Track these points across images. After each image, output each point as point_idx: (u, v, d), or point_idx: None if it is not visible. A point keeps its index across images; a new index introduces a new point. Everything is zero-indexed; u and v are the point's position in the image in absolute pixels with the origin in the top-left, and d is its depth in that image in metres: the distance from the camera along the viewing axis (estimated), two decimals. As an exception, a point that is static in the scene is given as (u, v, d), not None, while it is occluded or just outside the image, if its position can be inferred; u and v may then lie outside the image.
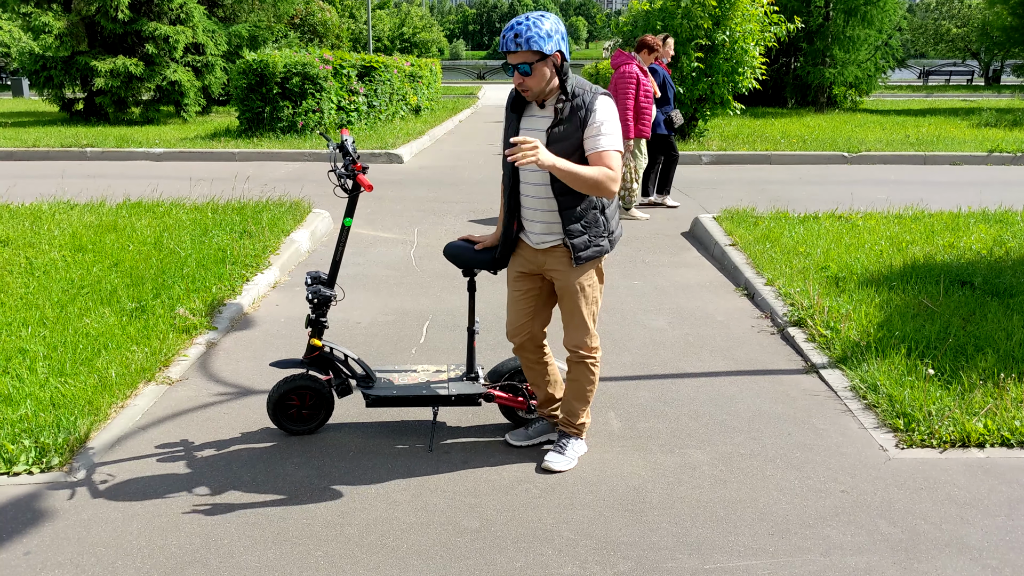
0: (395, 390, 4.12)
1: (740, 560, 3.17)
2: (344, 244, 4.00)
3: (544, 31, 3.33)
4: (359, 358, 4.16)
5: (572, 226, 3.60)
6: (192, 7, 19.51)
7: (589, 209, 3.60)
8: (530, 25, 3.34)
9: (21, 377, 4.54)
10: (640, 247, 8.19)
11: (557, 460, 3.87)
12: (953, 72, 50.90)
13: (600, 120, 3.44)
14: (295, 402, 4.16)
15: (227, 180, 11.92)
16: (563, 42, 3.41)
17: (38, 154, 14.52)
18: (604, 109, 3.46)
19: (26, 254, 6.94)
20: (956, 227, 8.17)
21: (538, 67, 3.39)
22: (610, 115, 3.47)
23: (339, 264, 4.02)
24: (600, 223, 3.65)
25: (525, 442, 4.06)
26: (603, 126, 3.44)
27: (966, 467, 3.88)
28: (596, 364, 3.85)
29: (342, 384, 4.13)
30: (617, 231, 3.77)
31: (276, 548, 3.25)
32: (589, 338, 3.78)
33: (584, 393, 3.89)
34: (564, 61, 3.45)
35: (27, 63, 19.25)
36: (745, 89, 14.99)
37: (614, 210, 3.75)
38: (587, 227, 3.62)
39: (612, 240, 3.73)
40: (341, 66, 16.19)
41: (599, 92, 3.50)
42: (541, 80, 3.43)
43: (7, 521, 3.42)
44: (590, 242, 3.64)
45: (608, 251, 3.72)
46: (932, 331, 5.24)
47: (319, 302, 4.01)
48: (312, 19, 37.12)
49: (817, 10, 23.12)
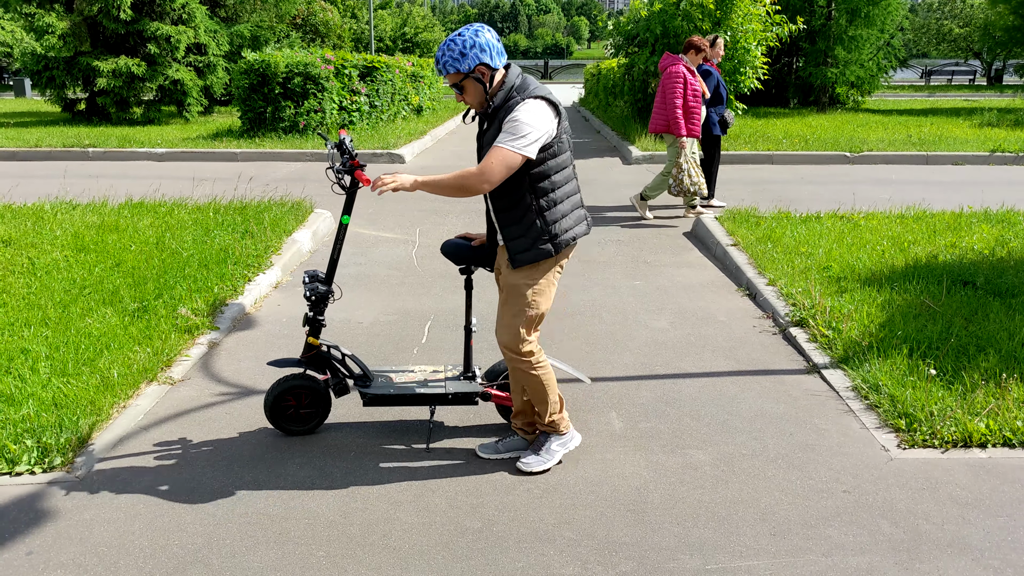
0: (392, 389, 4.12)
1: (742, 560, 3.17)
2: (342, 242, 4.00)
3: (457, 52, 3.46)
4: (356, 357, 4.16)
5: (508, 229, 3.65)
6: (194, 7, 19.52)
7: (525, 212, 3.60)
8: (444, 51, 3.48)
9: (23, 377, 4.55)
10: (642, 247, 8.18)
11: (530, 461, 3.86)
12: (955, 72, 50.85)
13: (509, 119, 3.46)
14: (291, 402, 4.15)
15: (229, 180, 11.92)
16: (483, 54, 3.48)
17: (40, 154, 14.53)
18: (522, 109, 3.46)
19: (28, 254, 6.95)
20: (958, 227, 8.16)
21: (466, 84, 3.54)
22: (523, 117, 3.44)
23: (336, 262, 4.02)
24: (538, 227, 3.61)
25: (494, 455, 3.97)
26: (509, 124, 3.45)
27: (968, 467, 3.88)
28: (533, 368, 3.75)
29: (339, 384, 4.13)
30: (568, 233, 3.66)
31: (278, 548, 3.25)
32: (518, 342, 3.71)
33: (535, 394, 3.83)
34: (493, 71, 3.52)
35: (29, 63, 19.28)
36: (747, 89, 14.99)
37: (561, 212, 3.65)
38: (525, 231, 3.62)
39: (557, 243, 3.63)
40: (343, 66, 16.19)
41: (530, 96, 3.50)
42: (475, 93, 3.56)
43: (9, 521, 3.43)
44: (529, 245, 3.62)
45: (552, 254, 3.63)
46: (934, 331, 5.23)
47: (316, 299, 4.00)
48: (314, 19, 37.10)
49: (819, 10, 23.10)
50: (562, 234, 3.65)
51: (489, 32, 3.54)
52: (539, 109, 3.49)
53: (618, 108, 19.58)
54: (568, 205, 3.69)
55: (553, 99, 3.58)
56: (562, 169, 3.65)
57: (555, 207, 3.63)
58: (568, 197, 3.69)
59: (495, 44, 3.53)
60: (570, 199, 3.70)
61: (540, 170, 3.57)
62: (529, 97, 3.50)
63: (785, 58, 24.58)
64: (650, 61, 14.70)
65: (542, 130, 3.49)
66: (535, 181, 3.58)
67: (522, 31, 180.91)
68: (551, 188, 3.62)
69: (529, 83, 3.57)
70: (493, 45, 3.51)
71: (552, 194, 3.62)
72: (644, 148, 14.64)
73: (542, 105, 3.51)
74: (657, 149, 14.47)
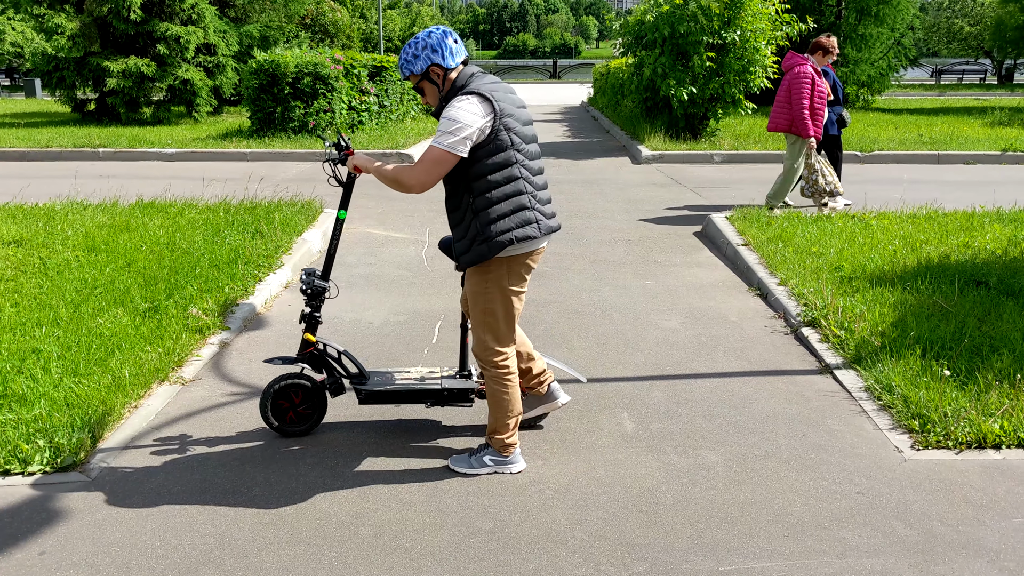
0: (387, 386, 4.12)
1: (755, 562, 3.15)
2: (338, 238, 4.00)
3: (410, 54, 3.58)
4: (352, 355, 4.15)
5: (454, 230, 3.68)
6: (204, 7, 19.56)
7: (464, 212, 3.59)
8: (401, 56, 3.62)
9: (35, 377, 4.56)
10: (652, 247, 8.17)
11: (458, 460, 3.85)
12: (966, 71, 50.66)
13: (442, 117, 3.48)
14: (284, 404, 4.14)
15: (239, 180, 11.94)
16: (435, 54, 3.54)
17: (51, 154, 14.58)
18: (453, 106, 3.45)
19: (40, 254, 6.97)
20: (970, 226, 8.12)
21: (423, 85, 3.65)
22: (452, 114, 3.41)
23: (333, 258, 4.02)
24: (474, 227, 3.54)
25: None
26: (441, 122, 3.46)
27: (982, 468, 3.85)
28: (502, 378, 3.72)
29: (335, 383, 4.13)
30: (502, 236, 3.51)
31: (290, 549, 3.25)
32: (482, 347, 3.71)
33: (496, 403, 3.77)
34: (446, 71, 3.58)
35: (40, 64, 19.35)
36: (757, 88, 14.95)
37: (499, 213, 3.52)
38: (464, 231, 3.60)
39: (492, 244, 3.51)
40: (352, 66, 16.21)
41: (464, 93, 3.49)
42: (432, 93, 3.66)
43: (22, 521, 3.43)
44: (468, 247, 3.59)
45: (487, 256, 3.53)
46: (947, 331, 5.20)
47: (313, 293, 3.99)
48: (323, 19, 37.18)
49: (829, 9, 23.02)
50: (498, 235, 3.51)
51: (443, 32, 3.56)
52: (468, 106, 3.43)
53: (627, 108, 19.55)
54: (508, 207, 3.54)
55: (488, 94, 3.47)
56: (502, 168, 3.53)
57: (491, 207, 3.52)
58: (508, 198, 3.54)
59: (448, 44, 3.54)
60: (511, 200, 3.55)
61: (475, 169, 3.51)
62: (462, 94, 3.49)
63: (795, 57, 24.48)
64: (658, 62, 14.68)
65: (472, 126, 3.41)
66: (471, 180, 3.53)
67: (530, 31, 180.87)
68: (487, 188, 3.52)
69: (476, 81, 3.55)
70: (446, 45, 3.53)
71: (488, 194, 3.52)
72: (654, 148, 14.62)
73: (472, 101, 3.44)
74: (667, 149, 14.44)
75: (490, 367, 3.73)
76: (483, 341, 3.71)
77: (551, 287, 6.77)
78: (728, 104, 15.29)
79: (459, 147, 3.41)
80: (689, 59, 14.68)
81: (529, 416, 4.15)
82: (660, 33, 14.52)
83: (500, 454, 3.83)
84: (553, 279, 7.00)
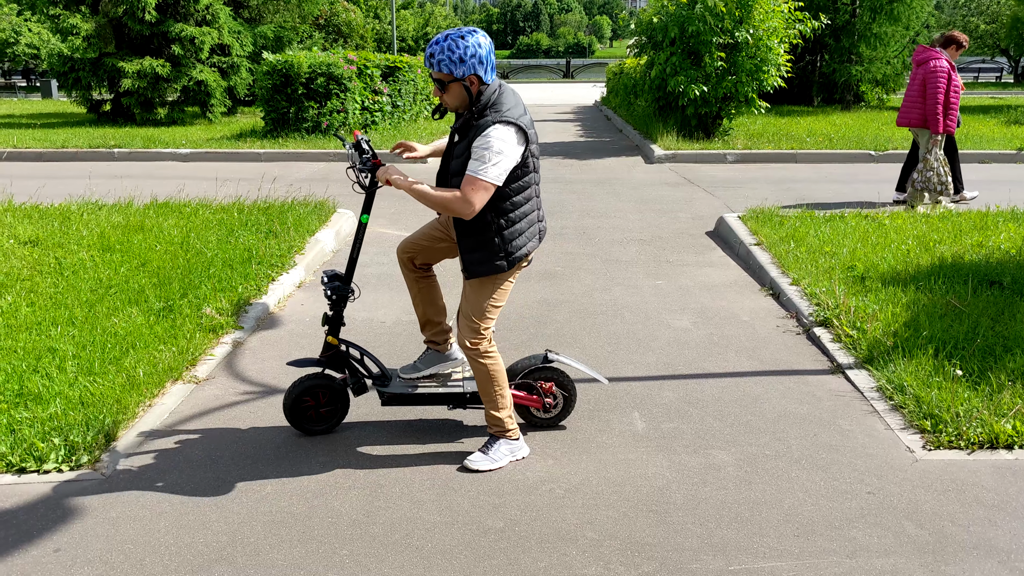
0: (410, 388, 4.14)
1: (765, 562, 3.16)
2: (361, 241, 4.03)
3: (457, 56, 3.48)
4: (374, 356, 4.18)
5: (465, 240, 3.73)
6: (218, 8, 19.66)
7: (485, 229, 3.69)
8: (444, 47, 3.48)
9: (51, 376, 4.60)
10: (664, 246, 8.16)
11: (476, 459, 3.89)
12: (982, 69, 50.38)
13: (480, 144, 3.51)
14: (310, 402, 4.18)
15: (253, 180, 12.00)
16: (480, 66, 3.52)
17: (67, 155, 14.68)
18: (492, 135, 3.51)
19: (55, 254, 7.02)
20: (985, 226, 8.08)
21: (452, 87, 3.58)
22: (494, 142, 3.49)
23: (356, 261, 4.05)
24: (495, 244, 3.71)
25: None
26: (479, 150, 3.51)
27: (994, 469, 3.84)
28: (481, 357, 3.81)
29: (357, 382, 4.15)
30: (521, 250, 3.77)
31: (302, 546, 3.27)
32: (471, 336, 3.80)
33: (483, 389, 3.89)
34: (482, 84, 3.57)
35: (56, 65, 19.48)
36: (770, 87, 14.91)
37: (519, 231, 3.75)
38: (481, 245, 3.71)
39: (511, 260, 3.74)
40: (365, 66, 16.25)
41: (501, 120, 3.53)
42: (455, 98, 3.61)
43: (37, 518, 3.47)
44: (485, 259, 3.72)
45: (505, 270, 3.75)
46: (960, 331, 5.18)
47: (338, 298, 4.03)
48: (337, 19, 37.27)
49: (843, 7, 22.93)
50: (516, 251, 3.76)
51: (490, 44, 3.58)
52: (508, 137, 3.54)
53: (640, 107, 19.53)
54: (525, 224, 3.78)
55: (522, 123, 3.59)
56: (524, 190, 3.73)
57: (513, 226, 3.73)
58: (526, 216, 3.78)
59: (492, 60, 3.57)
60: (528, 218, 3.79)
61: (502, 192, 3.65)
62: (500, 122, 3.53)
63: (809, 56, 24.41)
64: (668, 63, 14.67)
65: (511, 158, 3.56)
66: (496, 201, 3.67)
67: (544, 30, 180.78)
68: (511, 208, 3.71)
69: (504, 101, 3.60)
70: (490, 60, 3.56)
71: (511, 214, 3.72)
72: (667, 147, 14.60)
73: (511, 132, 3.55)
74: (679, 148, 14.42)
75: (482, 355, 3.82)
76: (476, 329, 3.79)
77: (563, 287, 6.77)
78: (741, 103, 15.25)
79: (501, 178, 3.55)
80: (700, 58, 14.65)
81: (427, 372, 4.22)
82: (669, 34, 14.51)
83: (510, 439, 3.94)
84: (565, 279, 7.01)
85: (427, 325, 4.25)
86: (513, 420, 3.96)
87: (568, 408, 4.27)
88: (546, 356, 4.19)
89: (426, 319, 4.23)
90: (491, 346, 3.86)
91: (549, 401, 4.19)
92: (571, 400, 4.25)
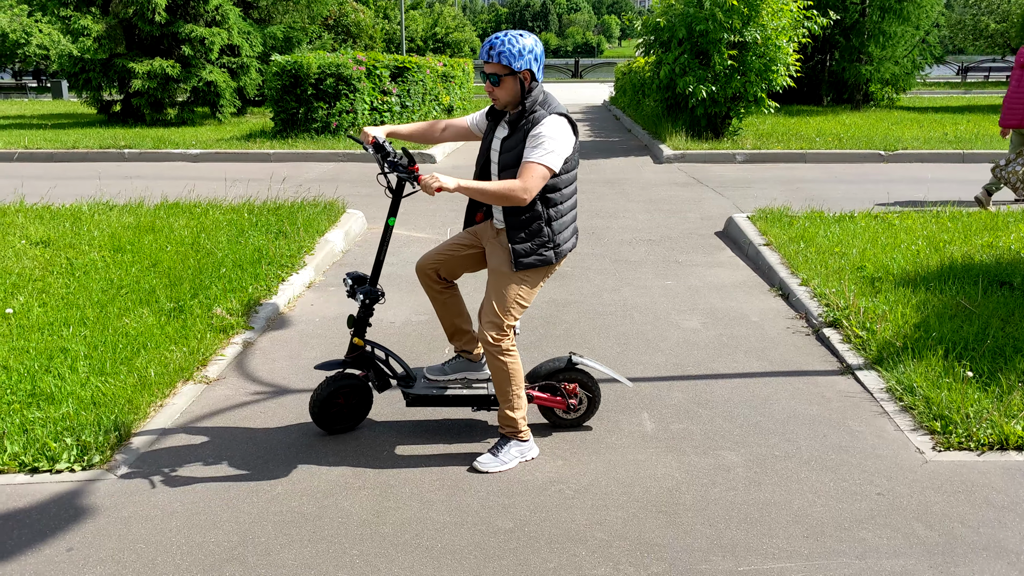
0: (434, 390, 4.17)
1: (774, 563, 3.16)
2: (387, 244, 4.07)
3: (517, 49, 3.62)
4: (399, 357, 4.20)
5: (514, 232, 3.79)
6: (228, 9, 19.71)
7: (535, 219, 3.78)
8: (505, 41, 3.64)
9: (63, 376, 4.63)
10: (673, 247, 8.16)
11: (485, 461, 3.90)
12: (992, 69, 50.07)
13: (537, 133, 3.65)
14: (340, 401, 4.21)
15: (262, 181, 12.03)
16: (535, 63, 3.68)
17: (77, 155, 14.75)
18: (548, 126, 3.66)
19: (67, 255, 7.06)
20: (995, 226, 8.06)
21: (506, 80, 3.67)
22: (549, 132, 3.65)
23: (382, 264, 4.10)
24: (545, 234, 3.81)
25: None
26: (537, 139, 3.64)
27: (1004, 470, 3.83)
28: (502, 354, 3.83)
29: (382, 383, 4.19)
30: (567, 244, 3.91)
31: (312, 546, 3.29)
32: (500, 333, 3.82)
33: (500, 387, 3.91)
34: (533, 80, 3.70)
35: (66, 65, 19.57)
36: (779, 87, 14.88)
37: (565, 224, 3.88)
38: (531, 236, 3.79)
39: (558, 252, 3.87)
40: (374, 67, 16.27)
41: (554, 111, 3.70)
42: (508, 92, 3.71)
43: (50, 518, 3.49)
44: (532, 250, 3.80)
45: (552, 262, 3.86)
46: (970, 332, 5.17)
47: (370, 301, 4.08)
48: (346, 20, 37.33)
49: (853, 6, 22.87)
50: (562, 244, 3.89)
51: (543, 48, 3.74)
52: (562, 126, 3.69)
53: (649, 107, 19.51)
54: (570, 217, 3.92)
55: (571, 117, 3.77)
56: (571, 183, 3.87)
57: (562, 218, 3.86)
58: (572, 209, 3.93)
59: (543, 60, 3.73)
60: (572, 211, 3.94)
61: (553, 182, 3.77)
62: (554, 113, 3.69)
63: (818, 56, 24.36)
64: (677, 63, 14.66)
65: (568, 146, 3.71)
66: (547, 191, 3.78)
67: (552, 30, 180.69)
68: (560, 200, 3.83)
69: (551, 99, 3.78)
70: (541, 60, 3.72)
71: (560, 206, 3.84)
72: (675, 147, 14.59)
73: (564, 123, 3.71)
74: (688, 148, 14.40)
75: (502, 352, 3.84)
76: (499, 326, 3.82)
77: (572, 287, 6.78)
78: (751, 103, 15.23)
79: (558, 166, 3.68)
80: (709, 58, 14.63)
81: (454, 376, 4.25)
82: (677, 34, 14.50)
83: (521, 440, 3.96)
84: (574, 279, 7.01)
85: (455, 335, 4.28)
86: (526, 421, 3.98)
87: (592, 409, 4.29)
88: (570, 359, 4.21)
89: (454, 329, 4.26)
90: (512, 345, 3.89)
91: (573, 402, 4.21)
92: (595, 401, 4.27)
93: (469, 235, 4.15)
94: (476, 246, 4.11)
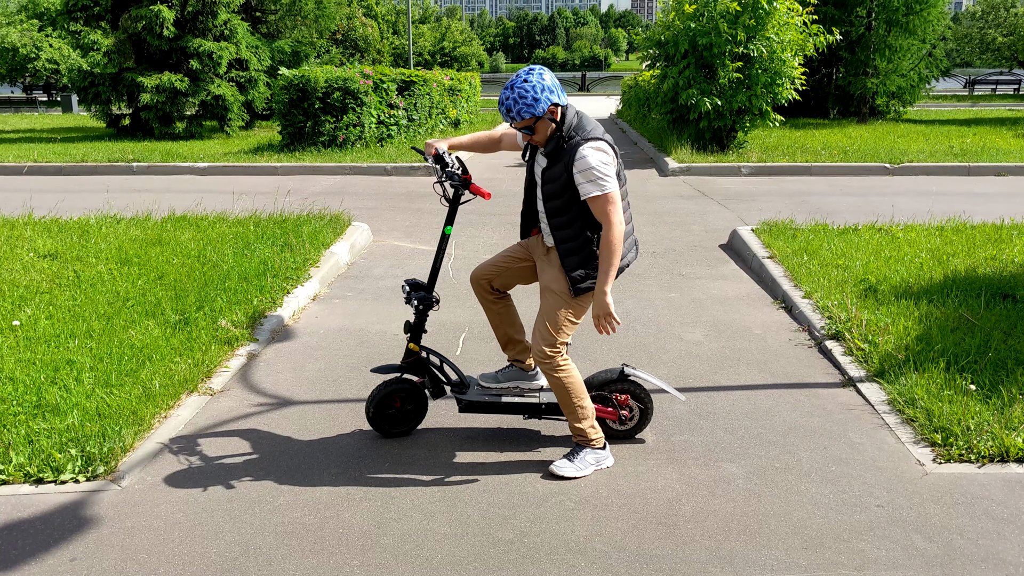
0: (487, 396, 4.24)
1: (773, 574, 3.17)
2: (443, 251, 4.16)
3: (531, 97, 3.62)
4: (453, 363, 4.26)
5: (569, 259, 3.84)
6: (236, 24, 19.85)
7: (585, 245, 3.82)
8: (516, 98, 3.64)
9: (68, 387, 4.66)
10: (677, 259, 8.18)
11: (563, 465, 3.94)
12: (999, 82, 50.03)
13: (580, 166, 3.68)
14: (396, 404, 4.29)
15: (269, 194, 12.09)
16: (553, 94, 3.68)
17: (86, 169, 14.84)
18: (587, 154, 3.68)
19: (74, 267, 7.11)
20: (999, 239, 8.06)
21: (539, 125, 3.73)
22: (594, 163, 3.66)
23: (438, 271, 4.19)
24: (596, 256, 3.84)
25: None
26: (587, 174, 3.67)
27: (1005, 483, 3.84)
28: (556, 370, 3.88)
29: (436, 388, 4.26)
30: (623, 259, 3.93)
31: (313, 557, 3.31)
32: (554, 349, 3.88)
33: (563, 401, 3.95)
34: (561, 107, 3.73)
35: (76, 80, 19.71)
36: (784, 100, 14.90)
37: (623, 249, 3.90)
38: (583, 260, 3.83)
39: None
40: (381, 81, 16.37)
41: (588, 138, 3.71)
42: (545, 131, 3.76)
43: (54, 528, 3.52)
44: (587, 275, 3.85)
45: None
46: (972, 345, 5.18)
47: (424, 308, 4.15)
48: (354, 34, 37.54)
49: (859, 20, 22.91)
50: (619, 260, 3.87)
51: (550, 72, 3.74)
52: (601, 152, 3.71)
53: (654, 120, 19.56)
54: (628, 230, 3.93)
55: (608, 139, 3.79)
56: (623, 199, 3.86)
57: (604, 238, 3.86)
58: (628, 236, 3.97)
59: (556, 82, 3.72)
60: (629, 223, 3.94)
61: None
62: (591, 139, 3.71)
63: (824, 69, 24.41)
64: (681, 76, 14.73)
65: (611, 168, 3.73)
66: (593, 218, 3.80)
67: (560, 44, 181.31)
68: None
69: (585, 122, 3.79)
70: (557, 84, 3.72)
71: None
72: (681, 160, 14.62)
73: (604, 147, 3.73)
74: (694, 161, 14.43)
75: (556, 368, 3.89)
76: (552, 343, 3.88)
77: (575, 300, 6.79)
78: (756, 116, 15.26)
79: (615, 184, 3.72)
80: (714, 71, 14.67)
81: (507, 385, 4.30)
82: (680, 48, 14.55)
83: (595, 448, 4.00)
84: (578, 292, 7.02)
85: (508, 344, 4.34)
86: (597, 430, 4.01)
87: (644, 421, 4.30)
88: (622, 370, 4.24)
89: (507, 339, 4.33)
90: (565, 359, 3.92)
91: (625, 413, 4.24)
92: (647, 413, 4.29)
93: (522, 248, 4.20)
94: (529, 259, 4.17)
